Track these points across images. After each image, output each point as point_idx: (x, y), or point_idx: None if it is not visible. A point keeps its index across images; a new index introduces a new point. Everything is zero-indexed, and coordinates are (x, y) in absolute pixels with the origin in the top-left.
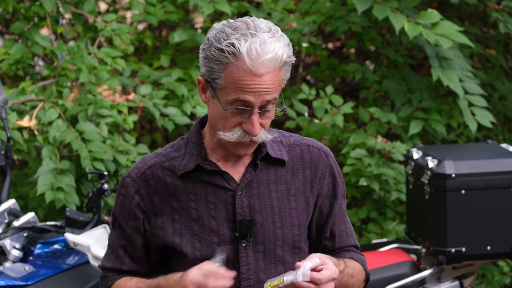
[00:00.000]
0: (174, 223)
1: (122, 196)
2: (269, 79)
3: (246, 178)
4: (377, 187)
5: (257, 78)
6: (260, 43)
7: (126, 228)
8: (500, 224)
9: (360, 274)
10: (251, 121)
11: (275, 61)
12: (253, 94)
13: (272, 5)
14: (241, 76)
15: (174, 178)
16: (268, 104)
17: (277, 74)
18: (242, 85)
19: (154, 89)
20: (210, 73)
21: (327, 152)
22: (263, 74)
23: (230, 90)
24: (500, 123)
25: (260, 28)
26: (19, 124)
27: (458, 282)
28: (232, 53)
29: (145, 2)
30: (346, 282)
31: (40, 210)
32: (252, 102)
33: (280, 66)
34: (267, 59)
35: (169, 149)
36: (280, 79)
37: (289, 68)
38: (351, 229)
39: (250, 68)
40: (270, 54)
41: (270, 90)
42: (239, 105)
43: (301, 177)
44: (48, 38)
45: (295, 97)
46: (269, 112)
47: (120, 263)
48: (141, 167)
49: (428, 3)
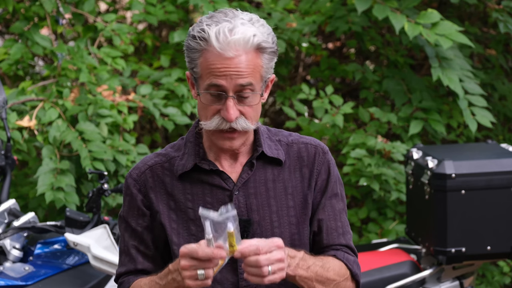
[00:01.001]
0: (172, 223)
1: (128, 197)
2: (240, 62)
3: (242, 177)
4: (377, 187)
5: (227, 61)
6: (230, 27)
7: (136, 227)
8: (500, 224)
9: (340, 270)
10: (226, 106)
11: (244, 43)
12: (224, 77)
13: (272, 5)
14: (212, 60)
15: (173, 178)
16: (244, 89)
17: (250, 58)
18: (213, 69)
19: (154, 89)
20: (190, 64)
21: (324, 149)
22: (233, 57)
23: (205, 76)
24: (500, 123)
25: (237, 16)
26: (19, 124)
27: (458, 282)
28: (203, 38)
29: (145, 2)
30: (317, 272)
31: (40, 210)
32: (224, 86)
33: (254, 50)
34: (233, 40)
35: (169, 149)
36: (255, 64)
37: (270, 57)
38: (346, 230)
39: (219, 51)
40: (238, 35)
41: (242, 74)
42: (213, 90)
43: (299, 175)
44: (48, 38)
45: (295, 97)
46: (247, 99)
47: (134, 263)
48: (141, 167)
49: (428, 3)
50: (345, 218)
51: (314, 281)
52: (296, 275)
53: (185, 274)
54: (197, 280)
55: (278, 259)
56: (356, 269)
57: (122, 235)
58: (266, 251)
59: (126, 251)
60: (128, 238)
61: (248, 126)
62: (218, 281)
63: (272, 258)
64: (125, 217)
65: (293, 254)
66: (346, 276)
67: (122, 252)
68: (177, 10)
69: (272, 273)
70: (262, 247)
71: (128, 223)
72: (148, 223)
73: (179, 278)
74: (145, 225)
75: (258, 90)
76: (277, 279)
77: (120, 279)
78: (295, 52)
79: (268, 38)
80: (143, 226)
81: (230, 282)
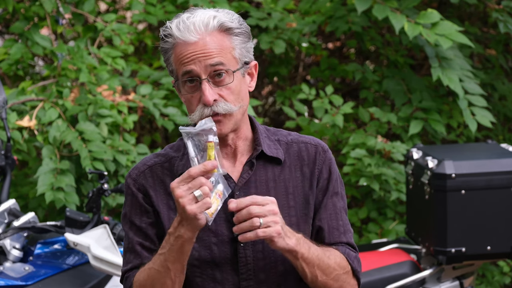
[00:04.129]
0: (171, 222)
1: (129, 196)
2: (205, 44)
3: (243, 177)
4: (377, 187)
5: (192, 46)
6: (188, 16)
7: (141, 224)
8: (500, 224)
9: (341, 262)
10: (202, 90)
11: (204, 26)
12: (192, 62)
13: (272, 5)
14: (179, 51)
15: (173, 178)
16: (215, 70)
17: (215, 40)
18: (182, 58)
19: (154, 89)
20: (168, 68)
21: (325, 148)
22: (196, 40)
23: (178, 69)
24: (500, 123)
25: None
26: (19, 124)
27: (458, 282)
28: (168, 35)
29: (145, 2)
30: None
31: (40, 210)
32: (195, 70)
33: (218, 31)
34: (192, 24)
35: (168, 149)
36: (223, 45)
37: (241, 39)
38: (347, 228)
39: (182, 39)
40: (196, 18)
41: (209, 55)
42: (186, 77)
43: (299, 175)
44: (48, 38)
45: (295, 97)
46: (222, 80)
47: (140, 258)
48: (141, 167)
49: (428, 3)
50: (345, 217)
51: (316, 266)
52: (299, 251)
53: (183, 201)
54: (197, 202)
55: (270, 210)
56: (356, 265)
57: (127, 234)
58: (259, 203)
59: (131, 249)
60: (132, 236)
61: (229, 108)
62: (219, 281)
63: (265, 209)
64: (129, 216)
65: (292, 231)
66: (347, 269)
67: (126, 250)
68: (177, 10)
69: (264, 226)
70: (255, 199)
71: (132, 222)
72: (153, 219)
73: (182, 231)
74: (149, 222)
75: (232, 69)
76: (272, 233)
77: (126, 275)
78: (295, 52)
79: (232, 19)
80: (147, 223)
81: (231, 283)
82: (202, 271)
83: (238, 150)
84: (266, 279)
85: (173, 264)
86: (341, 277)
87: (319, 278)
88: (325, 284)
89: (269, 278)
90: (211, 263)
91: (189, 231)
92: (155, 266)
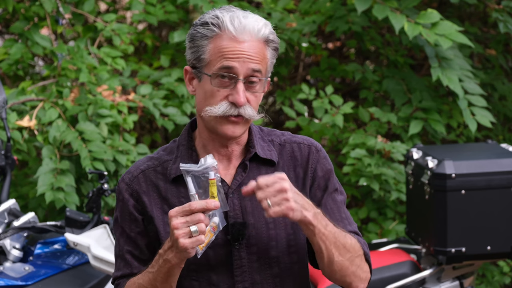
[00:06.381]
0: (166, 227)
1: (120, 202)
2: (252, 48)
3: (237, 180)
4: (377, 187)
5: (241, 44)
6: (244, 14)
7: (130, 232)
8: (500, 224)
9: (356, 244)
10: (237, 90)
11: (257, 31)
12: (237, 60)
13: (272, 5)
14: (225, 44)
15: (167, 182)
16: (254, 75)
17: (260, 47)
18: (226, 52)
19: (154, 89)
20: (195, 54)
21: (318, 147)
22: (246, 41)
23: (215, 61)
24: (500, 123)
25: (249, 12)
26: (19, 124)
27: (458, 282)
28: (216, 24)
29: (145, 2)
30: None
31: (40, 210)
32: (236, 68)
33: (263, 41)
34: (248, 25)
35: (161, 152)
36: (264, 54)
37: (273, 53)
38: (351, 220)
39: (234, 35)
40: (252, 21)
41: (254, 59)
42: (224, 72)
43: (293, 175)
44: (48, 38)
45: (295, 97)
46: (255, 87)
47: (130, 268)
48: (134, 171)
49: (428, 3)
50: (347, 210)
51: (332, 244)
52: (316, 226)
53: (178, 233)
54: (191, 237)
55: (277, 189)
56: (366, 249)
57: (117, 239)
58: (264, 185)
59: (121, 256)
60: (123, 243)
61: (253, 115)
62: (215, 283)
63: (271, 190)
64: (119, 222)
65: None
66: (359, 253)
67: (117, 256)
68: (177, 10)
69: (274, 205)
70: (259, 183)
71: (123, 228)
72: (141, 228)
73: (171, 256)
74: (138, 231)
75: (264, 79)
76: (284, 211)
77: (116, 281)
78: (295, 52)
79: (275, 36)
80: (136, 232)
81: (227, 285)
82: (198, 274)
83: (233, 153)
84: (261, 281)
85: (162, 284)
86: (355, 260)
87: (336, 258)
88: (341, 266)
89: (264, 279)
90: (206, 266)
91: (177, 258)
92: (144, 284)
